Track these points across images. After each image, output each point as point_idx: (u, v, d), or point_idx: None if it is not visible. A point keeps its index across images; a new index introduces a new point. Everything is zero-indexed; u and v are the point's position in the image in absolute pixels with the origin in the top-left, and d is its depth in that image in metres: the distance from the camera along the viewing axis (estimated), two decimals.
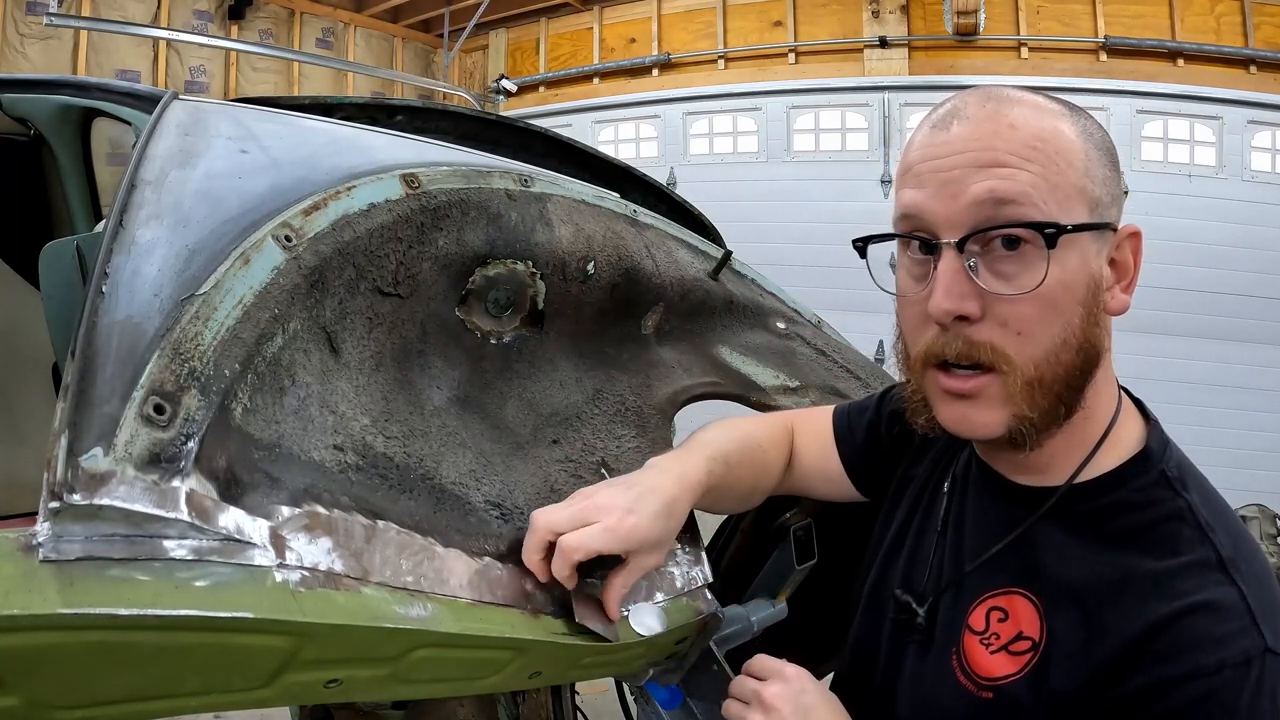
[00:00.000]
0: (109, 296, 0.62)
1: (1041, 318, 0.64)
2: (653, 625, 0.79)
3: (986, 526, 0.75)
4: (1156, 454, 0.69)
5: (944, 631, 0.75)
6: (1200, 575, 0.61)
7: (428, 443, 0.79)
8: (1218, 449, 4.34)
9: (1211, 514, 0.65)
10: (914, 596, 0.79)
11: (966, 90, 0.69)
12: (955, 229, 0.64)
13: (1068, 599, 0.66)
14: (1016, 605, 0.69)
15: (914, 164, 0.68)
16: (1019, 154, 0.63)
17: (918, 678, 0.76)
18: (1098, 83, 4.71)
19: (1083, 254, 0.64)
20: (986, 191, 0.63)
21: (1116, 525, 0.66)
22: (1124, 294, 0.68)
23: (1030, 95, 0.67)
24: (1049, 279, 0.62)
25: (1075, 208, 0.64)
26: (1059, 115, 0.66)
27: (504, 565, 0.75)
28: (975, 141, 0.64)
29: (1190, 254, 4.54)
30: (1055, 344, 0.64)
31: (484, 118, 1.19)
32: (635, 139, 5.97)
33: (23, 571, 0.50)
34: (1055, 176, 0.63)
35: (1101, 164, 0.67)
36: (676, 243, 1.13)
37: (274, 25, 5.87)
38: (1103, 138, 0.68)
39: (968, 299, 0.64)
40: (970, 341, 0.65)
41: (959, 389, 0.67)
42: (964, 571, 0.75)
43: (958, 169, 0.64)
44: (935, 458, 0.87)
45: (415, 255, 0.84)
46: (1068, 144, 0.64)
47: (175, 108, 0.83)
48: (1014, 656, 0.68)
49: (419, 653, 0.66)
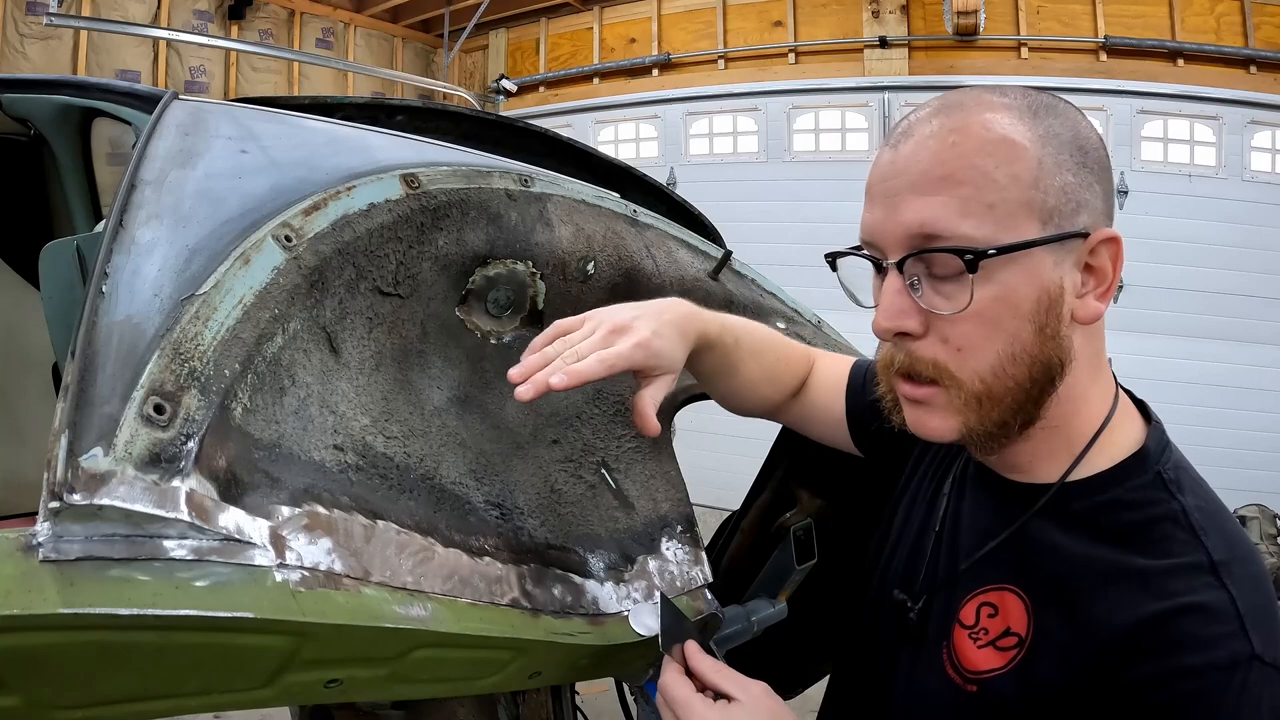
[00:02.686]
0: (109, 296, 0.62)
1: (982, 334, 0.64)
2: (653, 625, 0.79)
3: (981, 524, 0.75)
4: (1154, 455, 0.69)
5: (936, 628, 0.75)
6: (1191, 577, 0.61)
7: (428, 443, 0.79)
8: (1218, 449, 4.34)
9: (1206, 517, 0.64)
10: (909, 595, 0.79)
11: (930, 100, 0.69)
12: (896, 249, 0.66)
13: (1057, 594, 0.66)
14: (1007, 601, 0.70)
15: (871, 185, 0.69)
16: (955, 176, 0.63)
17: (910, 674, 0.77)
18: (1098, 83, 4.71)
19: (1030, 269, 0.63)
20: (915, 222, 0.64)
21: (1110, 523, 0.66)
22: (1098, 301, 0.66)
23: (988, 99, 0.66)
24: (979, 298, 0.62)
25: (1020, 223, 0.62)
26: (1014, 121, 0.64)
27: (504, 565, 0.75)
28: (916, 163, 0.65)
29: (1190, 254, 4.54)
30: (1000, 359, 0.64)
31: (484, 118, 1.19)
32: (635, 139, 5.96)
33: (23, 571, 0.50)
34: (993, 195, 0.62)
35: (1064, 169, 0.64)
36: (676, 243, 1.13)
37: (274, 25, 5.86)
38: (1074, 137, 0.65)
39: (907, 316, 0.66)
40: (914, 357, 0.67)
41: (911, 395, 0.69)
42: (959, 569, 0.75)
43: (898, 194, 0.65)
44: (939, 454, 0.87)
45: (415, 255, 0.84)
46: (1016, 155, 0.63)
47: (175, 108, 0.83)
48: (1000, 651, 0.68)
49: (419, 653, 0.66)
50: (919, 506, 0.86)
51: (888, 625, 0.82)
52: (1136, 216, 4.57)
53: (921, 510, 0.85)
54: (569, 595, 0.78)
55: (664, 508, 0.90)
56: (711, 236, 1.27)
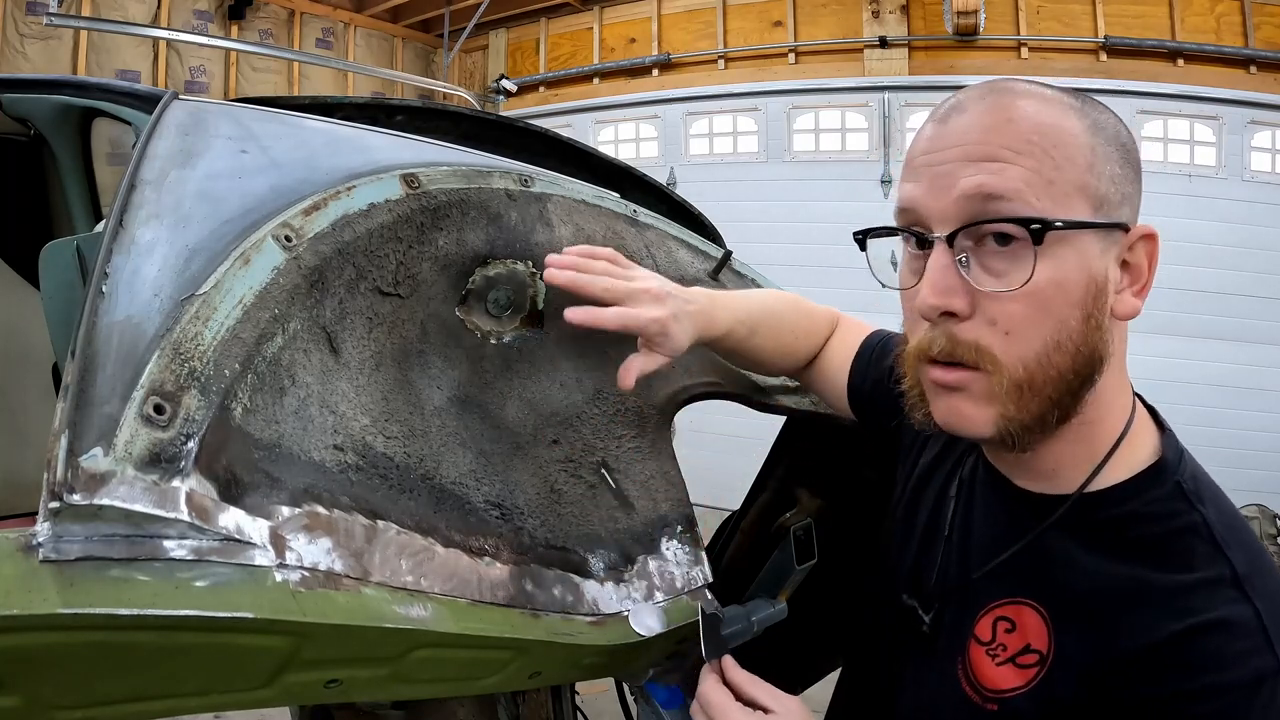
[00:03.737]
0: (109, 296, 0.62)
1: (1031, 317, 0.62)
2: (653, 625, 0.79)
3: (994, 533, 0.73)
4: (1172, 465, 0.66)
5: (949, 639, 0.73)
6: (1214, 592, 0.59)
7: (428, 443, 0.79)
8: (1218, 449, 4.33)
9: (1227, 529, 0.63)
10: (919, 601, 0.77)
11: (976, 83, 0.68)
12: (946, 223, 0.63)
13: (1077, 611, 0.64)
14: (1024, 616, 0.68)
15: (914, 158, 0.67)
16: (1013, 148, 0.61)
17: (920, 685, 0.75)
18: (1098, 83, 4.71)
19: (1082, 253, 0.62)
20: (975, 186, 0.61)
21: (1129, 537, 0.64)
22: (1135, 298, 0.65)
23: (1037, 88, 0.65)
24: (1037, 276, 0.60)
25: (1075, 205, 0.62)
26: (1065, 108, 0.64)
27: (504, 565, 0.75)
28: (970, 135, 0.63)
29: (1190, 254, 4.53)
30: (1047, 346, 0.62)
31: (484, 118, 1.19)
32: (635, 139, 5.97)
33: (23, 571, 0.50)
34: (1052, 172, 0.61)
35: (1111, 160, 0.63)
36: (676, 243, 1.13)
37: (274, 25, 5.86)
38: (1117, 132, 0.65)
39: (954, 295, 0.63)
40: (955, 340, 0.64)
41: (944, 380, 0.65)
42: (971, 579, 0.73)
43: (950, 163, 0.63)
44: (941, 453, 0.85)
45: (415, 255, 0.84)
46: (1070, 138, 0.62)
47: (175, 108, 0.83)
48: (1021, 669, 0.66)
49: (419, 653, 0.66)
50: (924, 507, 0.84)
51: (894, 629, 0.81)
52: None
53: (926, 511, 0.83)
54: (569, 595, 0.78)
55: (664, 508, 0.90)
56: (711, 236, 1.27)
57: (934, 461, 0.86)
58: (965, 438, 0.70)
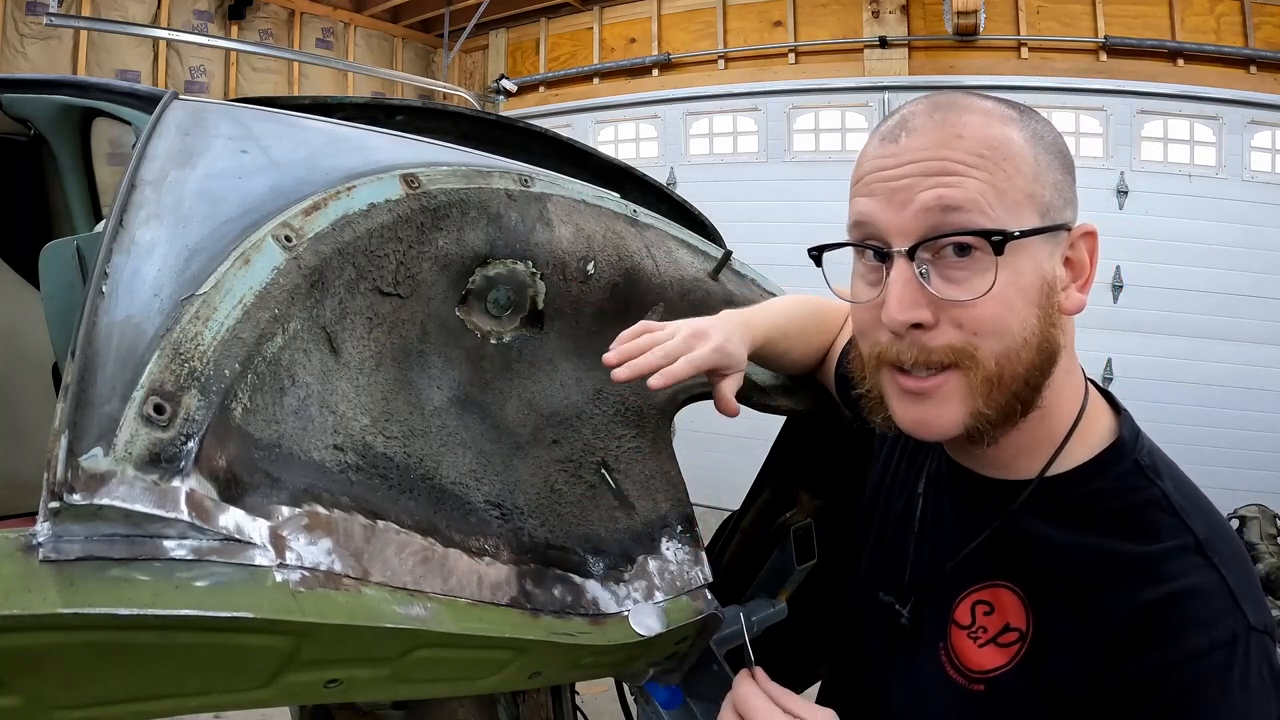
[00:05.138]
0: (109, 296, 0.62)
1: (997, 319, 0.65)
2: (653, 625, 0.79)
3: (964, 522, 0.76)
4: (1129, 444, 0.70)
5: (930, 629, 0.75)
6: (1182, 559, 0.63)
7: (428, 443, 0.79)
8: (1218, 449, 4.34)
9: (1185, 499, 0.67)
10: (896, 597, 0.79)
11: (916, 99, 0.71)
12: (905, 237, 0.65)
13: (1054, 586, 0.67)
14: (1001, 597, 0.71)
15: (865, 174, 0.69)
16: (966, 162, 0.64)
17: (907, 677, 0.77)
18: (1098, 83, 4.71)
19: (1034, 257, 0.66)
20: (934, 199, 0.64)
21: (1096, 512, 0.68)
22: (1079, 293, 0.69)
23: (979, 101, 0.68)
24: (999, 283, 0.63)
25: (1025, 213, 0.65)
26: (1008, 121, 0.67)
27: (504, 565, 0.75)
28: (923, 151, 0.65)
29: (1190, 254, 4.54)
30: (1015, 343, 0.65)
31: (484, 118, 1.19)
32: (635, 139, 5.96)
33: (23, 571, 0.50)
34: (1003, 183, 0.64)
35: (1052, 168, 0.67)
36: (676, 243, 1.13)
37: (274, 25, 5.86)
38: (1054, 141, 0.69)
39: (920, 307, 0.65)
40: (927, 349, 0.66)
41: (917, 388, 0.68)
42: (945, 569, 0.75)
43: (907, 178, 0.65)
44: (906, 452, 0.88)
45: (415, 255, 0.84)
46: (1016, 150, 0.65)
47: (175, 108, 0.83)
48: (1003, 648, 0.69)
49: (419, 653, 0.66)
50: (893, 506, 0.86)
51: (875, 628, 0.82)
52: (1136, 216, 4.57)
53: (896, 511, 0.86)
54: (569, 595, 0.78)
55: (664, 508, 0.90)
56: (711, 236, 1.27)
57: (900, 460, 0.89)
58: (933, 440, 0.73)
